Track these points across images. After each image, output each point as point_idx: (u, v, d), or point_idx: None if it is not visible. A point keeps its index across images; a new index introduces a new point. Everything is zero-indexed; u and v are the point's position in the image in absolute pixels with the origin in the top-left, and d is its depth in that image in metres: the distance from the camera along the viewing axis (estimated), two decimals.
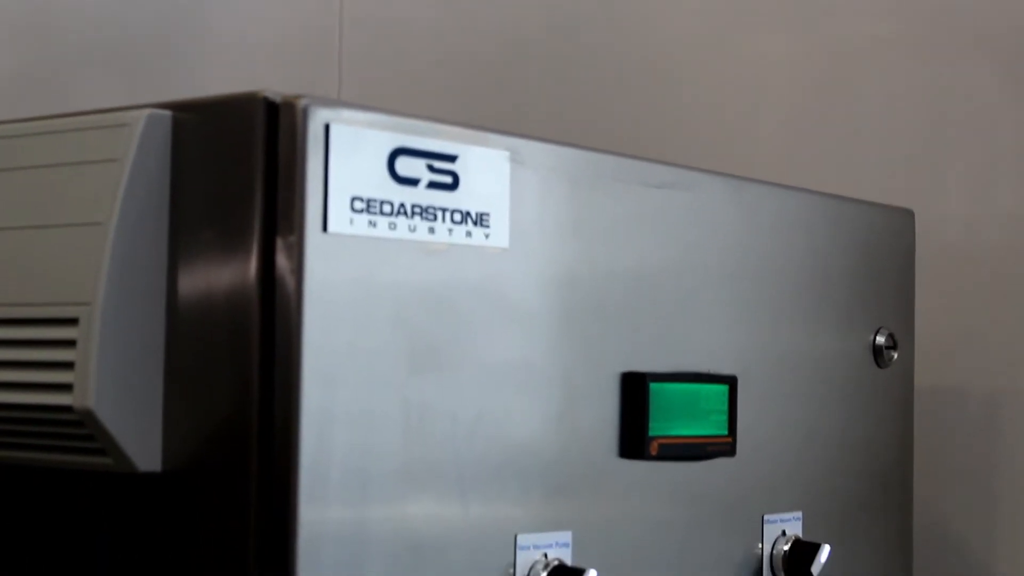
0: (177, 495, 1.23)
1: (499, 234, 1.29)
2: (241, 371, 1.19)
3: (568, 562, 1.32)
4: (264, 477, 1.17)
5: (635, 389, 1.39)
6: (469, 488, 1.27)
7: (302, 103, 1.17)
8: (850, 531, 1.66)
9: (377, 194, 1.20)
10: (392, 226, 1.21)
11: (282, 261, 1.17)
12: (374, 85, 2.50)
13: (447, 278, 1.26)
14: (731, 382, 1.49)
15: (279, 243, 1.17)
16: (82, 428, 1.20)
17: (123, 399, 1.20)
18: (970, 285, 1.95)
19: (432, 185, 1.24)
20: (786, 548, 1.55)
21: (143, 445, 1.21)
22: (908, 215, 1.78)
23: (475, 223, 1.27)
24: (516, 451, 1.31)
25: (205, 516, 1.21)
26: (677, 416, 1.42)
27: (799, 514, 1.58)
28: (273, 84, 1.22)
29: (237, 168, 1.19)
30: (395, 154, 1.21)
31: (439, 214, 1.24)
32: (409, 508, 1.22)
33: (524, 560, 1.30)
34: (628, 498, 1.41)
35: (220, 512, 1.20)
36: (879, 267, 1.73)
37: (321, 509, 1.16)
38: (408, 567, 1.21)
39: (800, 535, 1.57)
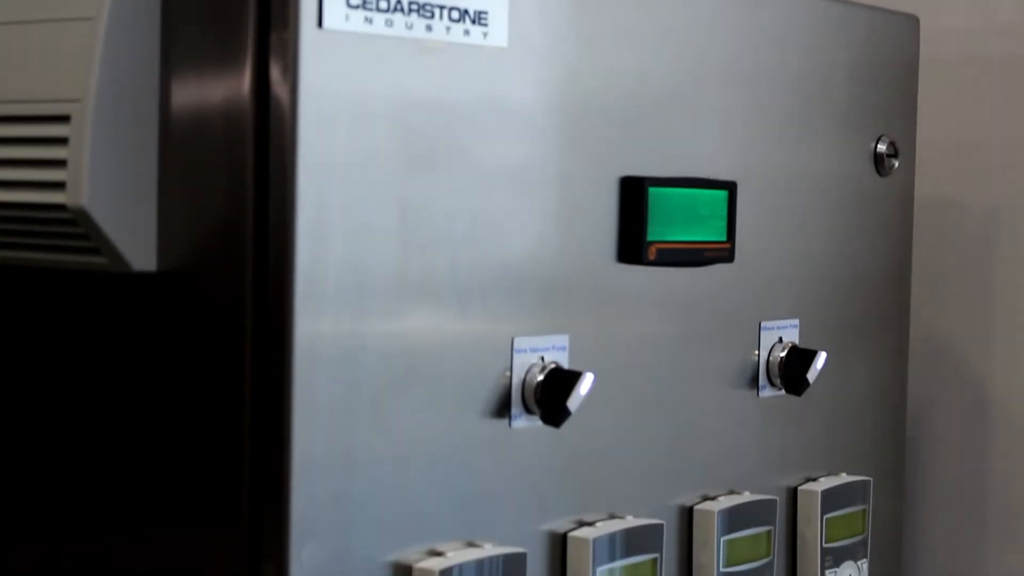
0: (172, 296, 1.22)
1: (498, 33, 1.26)
2: (236, 171, 1.17)
3: (564, 366, 1.32)
4: (260, 281, 1.16)
5: (634, 193, 1.38)
6: (466, 293, 1.26)
7: None
8: (847, 342, 1.67)
9: None
10: (388, 23, 1.19)
11: (277, 59, 1.15)
12: None
13: (444, 78, 1.24)
14: (730, 188, 1.47)
15: (273, 40, 1.15)
16: (76, 227, 1.20)
17: (117, 198, 1.19)
18: (970, 97, 1.94)
19: None
20: (782, 355, 1.55)
21: (138, 245, 1.21)
22: (913, 21, 1.75)
23: (473, 21, 1.24)
24: (513, 255, 1.30)
25: (201, 317, 1.21)
26: (676, 221, 1.41)
27: (796, 322, 1.58)
28: None
29: None
30: None
31: (436, 11, 1.22)
32: (405, 316, 1.22)
33: (521, 363, 1.30)
34: (625, 303, 1.41)
35: (216, 314, 1.19)
36: (882, 74, 1.71)
37: (317, 320, 1.15)
38: (404, 374, 1.21)
39: (797, 342, 1.58)
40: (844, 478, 1.63)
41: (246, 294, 1.17)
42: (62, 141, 1.19)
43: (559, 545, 1.34)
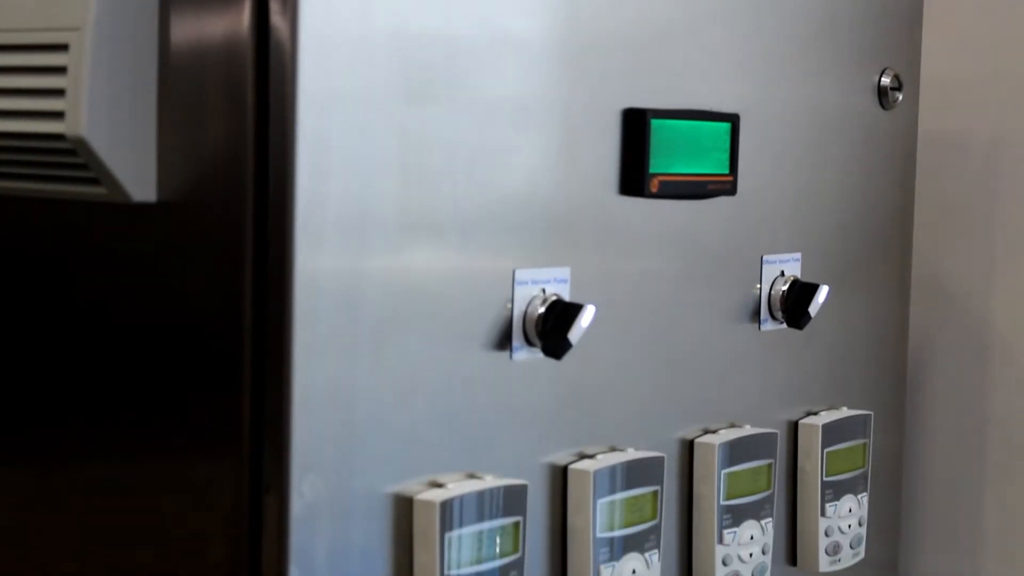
0: (172, 227, 1.22)
1: None
2: (236, 103, 1.17)
3: (566, 298, 1.32)
4: (260, 215, 1.16)
5: (636, 125, 1.37)
6: (467, 226, 1.26)
7: None
8: (848, 276, 1.66)
9: None
10: None
11: None
12: None
13: (445, 9, 1.22)
14: (733, 120, 1.47)
15: None
16: (75, 156, 1.19)
17: (116, 128, 1.19)
18: (975, 29, 1.92)
19: None
20: (784, 288, 1.55)
21: (137, 175, 1.20)
22: None
23: None
24: (515, 188, 1.29)
25: (201, 249, 1.20)
26: (678, 153, 1.41)
27: (798, 255, 1.58)
28: None
29: None
30: None
31: None
32: (406, 250, 1.21)
33: (522, 295, 1.29)
34: (627, 237, 1.40)
35: (216, 246, 1.19)
36: (886, 6, 1.70)
37: (317, 255, 1.15)
38: (405, 307, 1.21)
39: (799, 276, 1.57)
40: (845, 412, 1.63)
41: (246, 227, 1.17)
42: (61, 70, 1.18)
43: (560, 477, 1.34)
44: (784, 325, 1.56)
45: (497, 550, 1.24)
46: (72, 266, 1.29)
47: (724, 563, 1.47)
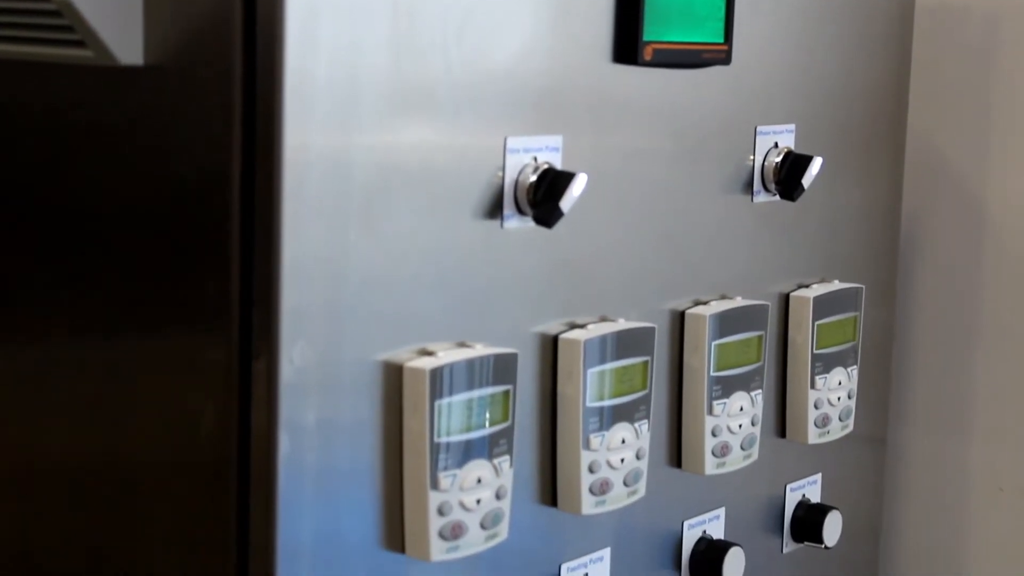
0: (160, 91, 1.21)
1: None
2: None
3: (558, 167, 1.31)
4: (249, 80, 1.14)
5: None
6: (459, 94, 1.24)
7: None
8: (842, 150, 1.65)
9: None
10: None
11: None
12: None
13: None
14: None
15: None
16: (60, 18, 1.18)
17: None
18: None
19: None
20: (778, 160, 1.54)
21: (124, 38, 1.19)
22: None
23: None
24: (506, 55, 1.28)
25: (189, 115, 1.19)
26: (672, 21, 1.39)
27: (792, 127, 1.57)
28: None
29: None
30: None
31: None
32: (399, 117, 1.20)
33: (513, 163, 1.28)
34: (621, 106, 1.39)
35: (204, 112, 1.18)
36: None
37: (306, 126, 1.14)
38: (396, 177, 1.20)
39: (793, 148, 1.56)
40: (836, 285, 1.63)
41: (235, 94, 1.15)
42: None
43: (551, 347, 1.34)
44: (777, 197, 1.55)
45: (487, 418, 1.24)
46: (60, 136, 1.28)
47: (713, 434, 1.48)
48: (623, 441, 1.37)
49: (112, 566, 1.28)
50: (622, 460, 1.36)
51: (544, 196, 1.27)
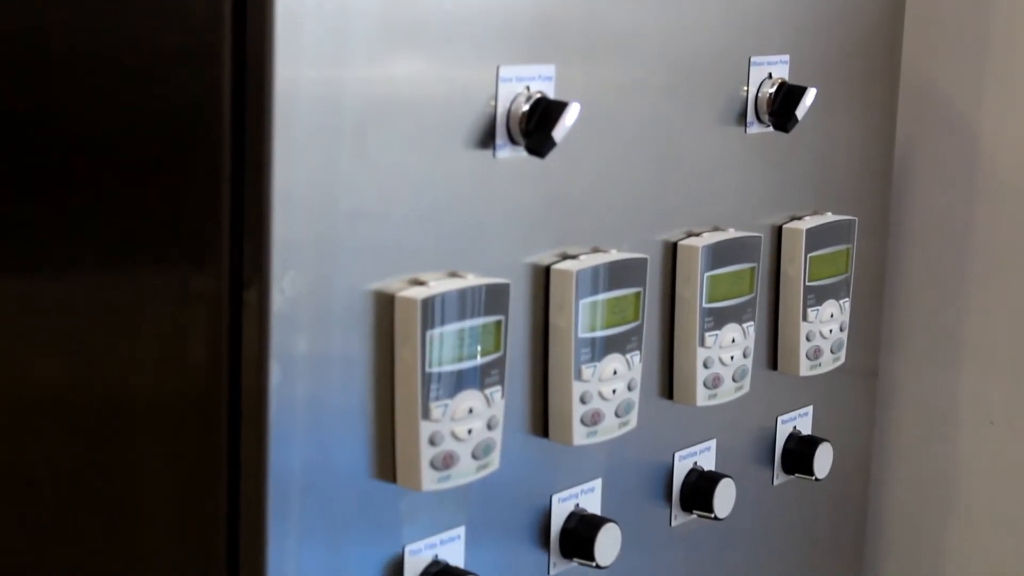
0: (148, 21, 1.20)
1: None
2: None
3: (550, 96, 1.29)
4: (238, 11, 1.13)
5: None
6: (450, 22, 1.23)
7: None
8: (837, 81, 1.64)
9: None
10: None
11: None
12: None
13: None
14: None
15: None
16: None
17: None
18: None
19: None
20: (771, 91, 1.53)
21: None
22: None
23: None
24: None
25: (177, 45, 1.18)
26: None
27: (786, 57, 1.56)
28: None
29: None
30: None
31: None
32: (390, 47, 1.19)
33: (506, 92, 1.27)
34: (614, 35, 1.37)
35: (192, 43, 1.17)
36: None
37: (297, 55, 1.13)
38: (388, 106, 1.19)
39: (787, 79, 1.55)
40: (829, 217, 1.63)
41: (224, 29, 1.14)
42: None
43: (543, 277, 1.34)
44: (770, 128, 1.54)
45: (478, 348, 1.24)
46: (46, 66, 1.27)
47: (705, 365, 1.48)
48: (615, 372, 1.36)
49: (103, 496, 1.28)
50: (614, 391, 1.36)
51: (536, 126, 1.27)
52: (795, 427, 1.67)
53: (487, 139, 1.27)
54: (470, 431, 1.24)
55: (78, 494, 1.30)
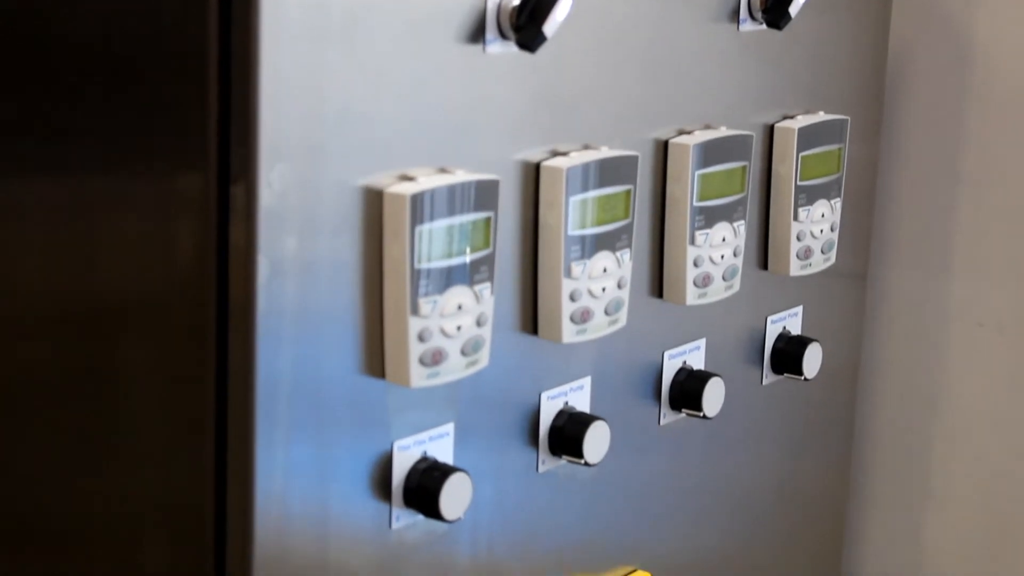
0: None
1: None
2: None
3: None
4: None
5: None
6: None
7: None
8: None
9: None
10: None
11: None
12: None
13: None
14: None
15: None
16: None
17: None
18: None
19: None
20: None
21: None
22: None
23: None
24: None
25: None
26: None
27: None
28: None
29: None
30: None
31: None
32: None
33: None
34: None
35: None
36: None
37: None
38: (375, 11, 1.17)
39: None
40: (821, 116, 1.62)
41: None
42: None
43: (532, 174, 1.33)
44: (763, 26, 1.53)
45: (468, 245, 1.23)
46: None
47: (695, 264, 1.47)
48: (604, 270, 1.36)
49: (90, 400, 1.28)
50: (603, 289, 1.36)
51: (527, 19, 1.25)
52: (784, 327, 1.67)
53: (477, 33, 1.25)
54: (459, 327, 1.23)
55: (66, 399, 1.30)
